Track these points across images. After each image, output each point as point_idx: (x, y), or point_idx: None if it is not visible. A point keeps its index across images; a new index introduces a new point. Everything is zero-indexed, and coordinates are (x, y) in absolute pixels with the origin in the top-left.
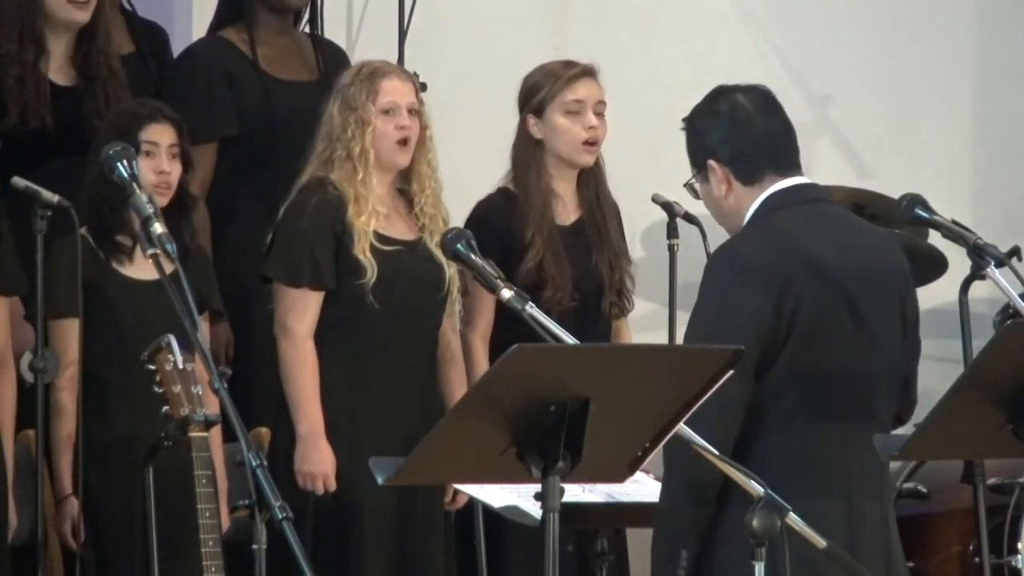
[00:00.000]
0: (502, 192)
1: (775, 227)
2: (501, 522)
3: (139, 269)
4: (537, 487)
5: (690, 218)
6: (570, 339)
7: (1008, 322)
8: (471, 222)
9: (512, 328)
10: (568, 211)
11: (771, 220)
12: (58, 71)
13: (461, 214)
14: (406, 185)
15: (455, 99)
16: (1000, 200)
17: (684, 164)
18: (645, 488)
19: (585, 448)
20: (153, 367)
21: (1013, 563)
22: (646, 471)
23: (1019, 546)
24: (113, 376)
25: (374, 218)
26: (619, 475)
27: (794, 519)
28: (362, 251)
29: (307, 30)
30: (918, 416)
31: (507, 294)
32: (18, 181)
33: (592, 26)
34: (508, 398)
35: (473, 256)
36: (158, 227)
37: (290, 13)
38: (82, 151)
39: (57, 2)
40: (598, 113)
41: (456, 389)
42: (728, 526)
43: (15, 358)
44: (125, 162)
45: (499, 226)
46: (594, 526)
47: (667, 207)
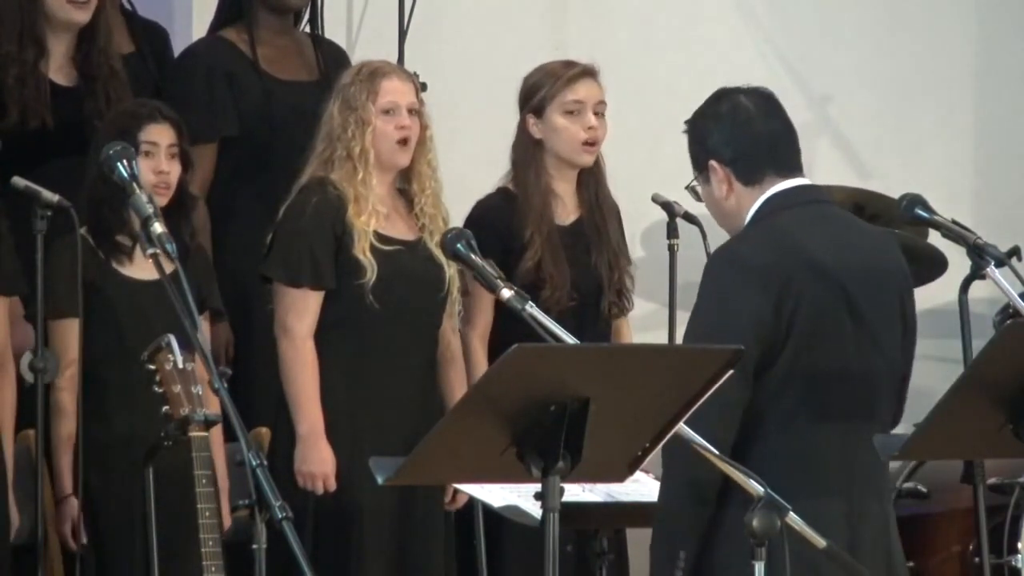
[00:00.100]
0: (502, 192)
1: (775, 228)
2: (501, 522)
3: (139, 269)
4: (537, 487)
5: (690, 218)
6: (570, 339)
7: (1008, 322)
8: (471, 222)
9: (512, 328)
10: (568, 211)
11: (771, 221)
12: (59, 71)
13: (461, 214)
14: (406, 185)
15: (455, 99)
16: (1000, 200)
17: (684, 164)
18: (645, 488)
19: (585, 448)
20: (153, 367)
21: (1013, 563)
22: (646, 471)
23: (1019, 546)
24: (113, 376)
25: (374, 218)
26: (619, 475)
27: (794, 519)
28: (362, 251)
29: (307, 30)
30: (918, 416)
31: (507, 294)
32: (18, 181)
33: (592, 26)
34: (508, 398)
35: (473, 256)
36: (158, 227)
37: (290, 13)
38: (82, 151)
39: (57, 2)
40: (598, 113)
41: (456, 389)
42: (728, 526)
43: (15, 358)
44: (125, 162)
45: (499, 226)
46: (594, 526)
47: (667, 207)
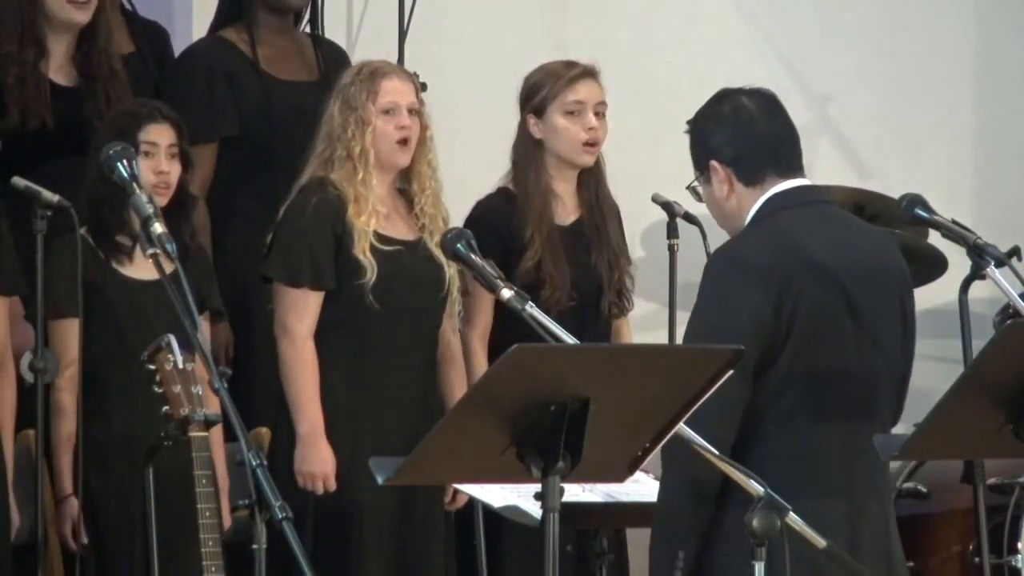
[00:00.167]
0: (502, 192)
1: (776, 228)
2: (501, 522)
3: (139, 269)
4: (537, 487)
5: (690, 218)
6: (570, 339)
7: (1008, 322)
8: (471, 222)
9: (512, 328)
10: (568, 211)
11: (772, 221)
12: (59, 71)
13: (461, 214)
14: (406, 185)
15: (455, 99)
16: (1000, 200)
17: (684, 164)
18: (645, 488)
19: (585, 448)
20: (153, 367)
21: (1013, 563)
22: (646, 471)
23: (1019, 546)
24: (113, 376)
25: (374, 218)
26: (619, 475)
27: (794, 519)
28: (362, 251)
29: (307, 30)
30: (918, 416)
31: (507, 294)
32: (18, 181)
33: (592, 26)
34: (508, 398)
35: (473, 256)
36: (158, 227)
37: (290, 13)
38: (82, 151)
39: (57, 2)
40: (598, 114)
41: (456, 389)
42: (727, 526)
43: (15, 358)
44: (125, 162)
45: (499, 226)
46: (594, 526)
47: (667, 207)
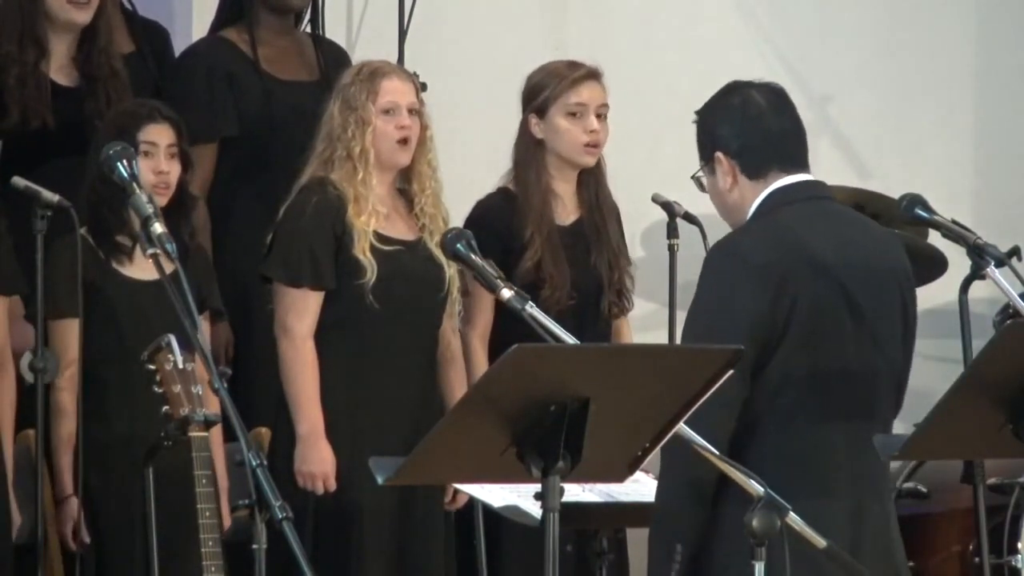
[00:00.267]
0: (502, 192)
1: (777, 224)
2: (501, 522)
3: (139, 269)
4: (537, 487)
5: (690, 218)
6: (570, 339)
7: (1008, 322)
8: (471, 222)
9: (512, 328)
10: (568, 211)
11: (773, 217)
12: (60, 71)
13: (461, 214)
14: (406, 185)
15: (455, 99)
16: (1000, 200)
17: (684, 164)
18: (644, 488)
19: (585, 448)
20: (153, 367)
21: (1013, 563)
22: (646, 471)
23: (1019, 546)
24: (113, 376)
25: (374, 218)
26: (619, 475)
27: (794, 519)
28: (362, 251)
29: (308, 30)
30: (918, 416)
31: (507, 294)
32: (18, 181)
33: (592, 26)
34: (508, 398)
35: (473, 256)
36: (158, 227)
37: (291, 13)
38: (83, 151)
39: (58, 3)
40: (600, 115)
41: (456, 389)
42: (726, 526)
43: (15, 358)
44: (125, 162)
45: (499, 226)
46: (594, 526)
47: (667, 207)
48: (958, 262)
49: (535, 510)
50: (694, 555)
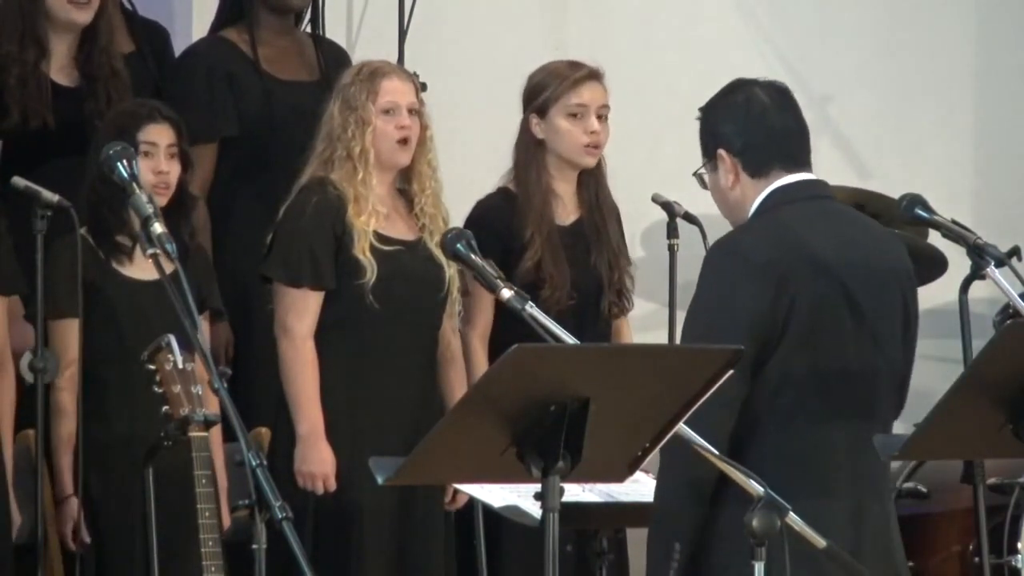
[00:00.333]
0: (502, 192)
1: (777, 223)
2: (501, 522)
3: (139, 269)
4: (537, 487)
5: (690, 218)
6: (570, 339)
7: (1008, 322)
8: (471, 222)
9: (512, 328)
10: (568, 211)
11: (774, 215)
12: (60, 71)
13: (461, 214)
14: (406, 185)
15: (455, 99)
16: (1000, 200)
17: (684, 164)
18: (644, 488)
19: (585, 448)
20: (153, 367)
21: (1013, 563)
22: (645, 471)
23: (1019, 546)
24: (113, 376)
25: (374, 218)
26: (619, 475)
27: (794, 519)
28: (362, 251)
29: (308, 30)
30: (918, 416)
31: (507, 294)
32: (18, 181)
33: (592, 26)
34: (508, 398)
35: (473, 256)
36: (158, 227)
37: (291, 13)
38: (83, 151)
39: (58, 3)
40: (601, 116)
41: (456, 389)
42: (725, 526)
43: (15, 358)
44: (125, 162)
45: (499, 226)
46: (594, 526)
47: (667, 207)
48: (958, 262)
49: (535, 510)
50: (693, 554)
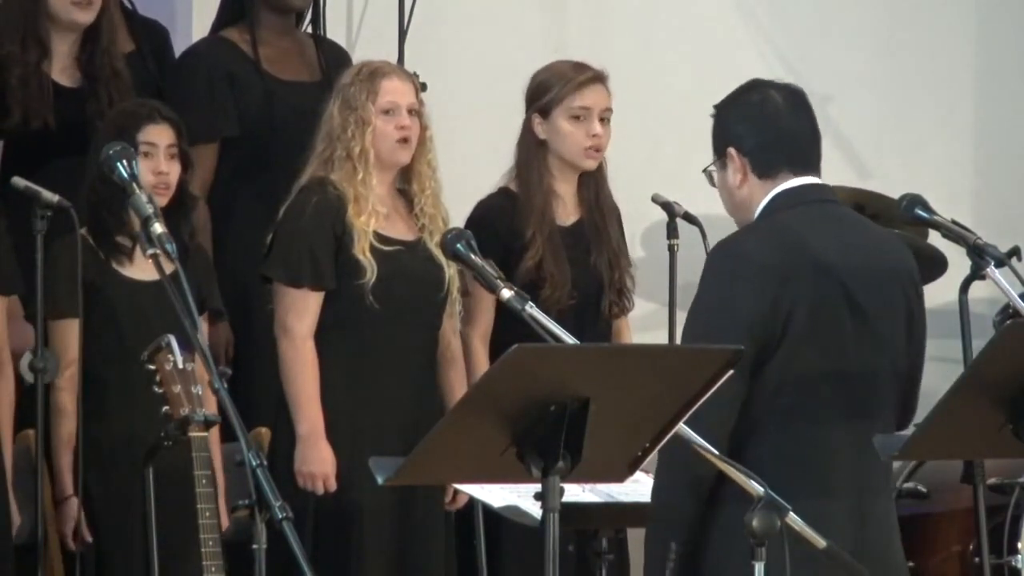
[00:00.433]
0: (502, 192)
1: (780, 225)
2: (501, 522)
3: (139, 269)
4: (537, 487)
5: (690, 218)
6: (570, 339)
7: (1008, 322)
8: (471, 222)
9: (512, 328)
10: (568, 211)
11: (777, 218)
12: (62, 72)
13: (461, 214)
14: (406, 185)
15: (455, 99)
16: (1000, 200)
17: (684, 164)
18: (644, 488)
19: (585, 448)
20: (153, 367)
21: (1013, 563)
22: (645, 471)
23: (1019, 546)
24: (113, 376)
25: (374, 218)
26: (619, 475)
27: (794, 519)
28: (362, 251)
29: (309, 30)
30: (918, 416)
31: (507, 294)
32: (18, 181)
33: (592, 26)
34: (508, 398)
35: (473, 256)
36: (158, 227)
37: (292, 13)
38: (84, 152)
39: (60, 3)
40: (603, 119)
41: (456, 389)
42: (723, 525)
43: (15, 358)
44: (125, 162)
45: (499, 226)
46: (594, 526)
47: (667, 207)
48: (958, 262)
49: (535, 510)
50: (690, 553)
